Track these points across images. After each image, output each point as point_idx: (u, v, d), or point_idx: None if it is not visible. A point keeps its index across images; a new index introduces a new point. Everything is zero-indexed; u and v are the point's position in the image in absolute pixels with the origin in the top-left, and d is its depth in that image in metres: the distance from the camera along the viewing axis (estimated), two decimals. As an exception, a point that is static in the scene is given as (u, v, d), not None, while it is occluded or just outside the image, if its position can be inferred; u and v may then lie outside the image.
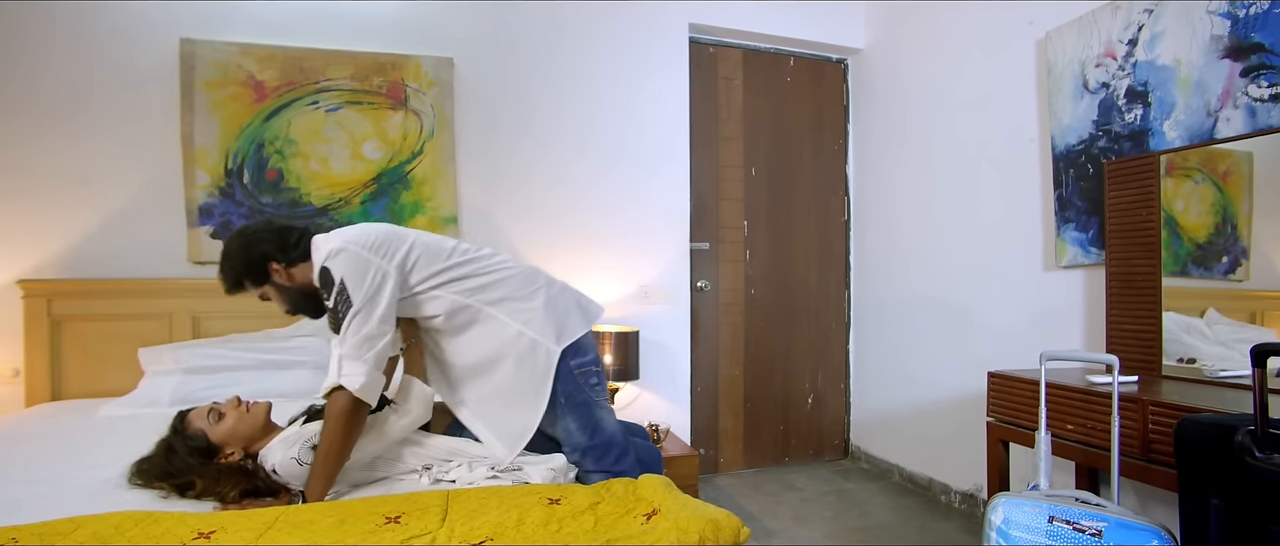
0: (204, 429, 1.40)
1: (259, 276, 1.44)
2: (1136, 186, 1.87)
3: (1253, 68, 1.65)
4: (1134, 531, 1.24)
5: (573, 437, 1.48)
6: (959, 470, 2.61)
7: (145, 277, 2.25)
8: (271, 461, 1.35)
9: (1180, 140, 1.82)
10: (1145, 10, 1.91)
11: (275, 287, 1.46)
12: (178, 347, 2.13)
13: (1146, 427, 1.47)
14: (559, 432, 1.50)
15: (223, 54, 2.32)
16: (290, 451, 1.33)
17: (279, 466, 1.33)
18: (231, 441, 1.41)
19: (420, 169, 2.54)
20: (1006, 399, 1.84)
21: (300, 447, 1.33)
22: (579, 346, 1.50)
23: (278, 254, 1.42)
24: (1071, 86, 2.13)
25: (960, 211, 2.63)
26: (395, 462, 1.43)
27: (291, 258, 1.43)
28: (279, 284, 1.45)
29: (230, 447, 1.41)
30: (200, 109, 2.30)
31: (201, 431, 1.40)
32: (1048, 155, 2.23)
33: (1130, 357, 1.83)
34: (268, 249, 1.42)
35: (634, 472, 1.46)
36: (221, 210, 2.33)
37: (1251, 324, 1.71)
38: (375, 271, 1.36)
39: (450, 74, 2.57)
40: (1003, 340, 2.40)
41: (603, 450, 1.49)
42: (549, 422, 1.49)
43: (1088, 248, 2.08)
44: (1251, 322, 1.71)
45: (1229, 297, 1.72)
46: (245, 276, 1.44)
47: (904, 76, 2.96)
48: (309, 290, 1.44)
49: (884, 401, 3.08)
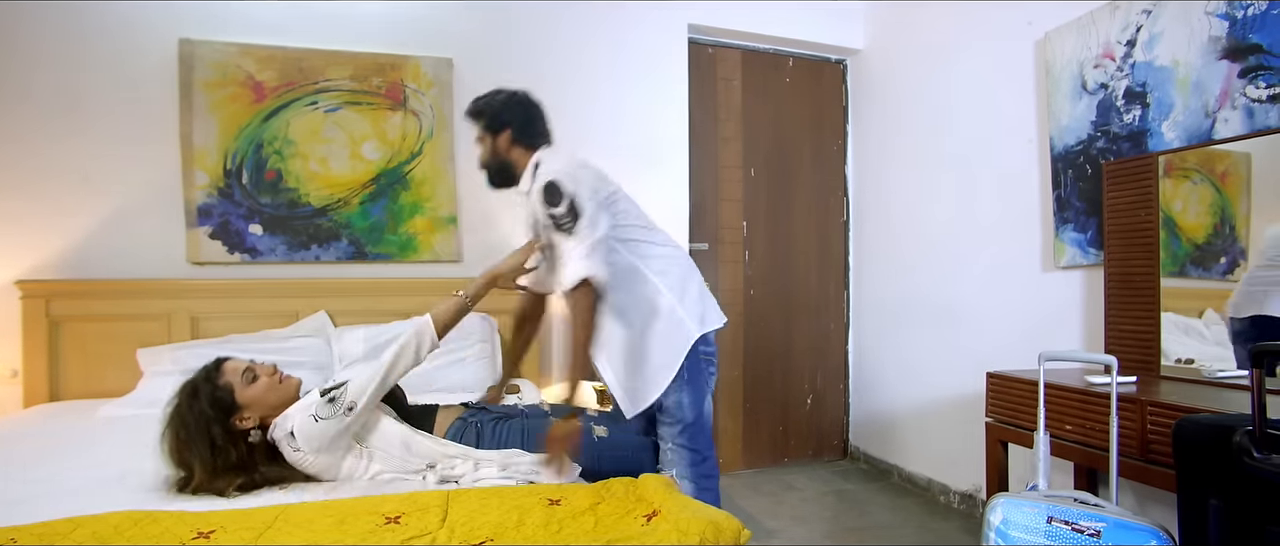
0: (233, 384, 1.40)
1: (497, 127, 1.65)
2: (1135, 187, 1.88)
3: (1251, 68, 1.66)
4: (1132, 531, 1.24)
5: (681, 411, 1.61)
6: (958, 470, 2.61)
7: (144, 278, 2.25)
8: (288, 425, 1.35)
9: (1178, 141, 1.82)
10: (1144, 11, 1.91)
11: (494, 144, 1.65)
12: (176, 348, 2.13)
13: (1145, 428, 1.48)
14: (670, 403, 1.61)
15: (222, 54, 2.31)
16: (309, 411, 1.33)
17: (297, 428, 1.33)
18: (254, 408, 1.40)
19: (419, 169, 2.54)
20: (1005, 399, 1.85)
21: (318, 406, 1.33)
22: (707, 337, 1.66)
23: (519, 128, 1.65)
24: (1070, 87, 2.13)
25: (959, 212, 2.64)
26: (402, 460, 1.43)
27: (520, 139, 1.64)
28: (499, 145, 1.65)
29: (249, 413, 1.40)
30: (199, 109, 2.30)
31: (230, 386, 1.40)
32: (1046, 156, 2.23)
33: (1129, 358, 1.83)
34: (517, 119, 1.65)
35: (714, 462, 1.65)
36: (220, 210, 2.33)
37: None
38: (603, 192, 1.58)
39: (449, 74, 2.57)
40: (1002, 340, 2.40)
41: (699, 430, 1.63)
42: (665, 393, 1.60)
43: (1086, 248, 2.09)
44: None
45: (1228, 298, 1.72)
46: (491, 118, 1.65)
47: (903, 77, 2.96)
48: (505, 164, 1.65)
49: (883, 402, 3.08)
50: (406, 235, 2.53)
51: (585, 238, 1.47)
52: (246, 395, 1.40)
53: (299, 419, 1.34)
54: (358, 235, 2.48)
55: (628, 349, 1.61)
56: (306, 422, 1.32)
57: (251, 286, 2.34)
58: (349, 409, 1.33)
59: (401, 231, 2.53)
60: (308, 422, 1.32)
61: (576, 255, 1.46)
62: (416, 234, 2.54)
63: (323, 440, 1.33)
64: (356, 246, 2.48)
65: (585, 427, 1.56)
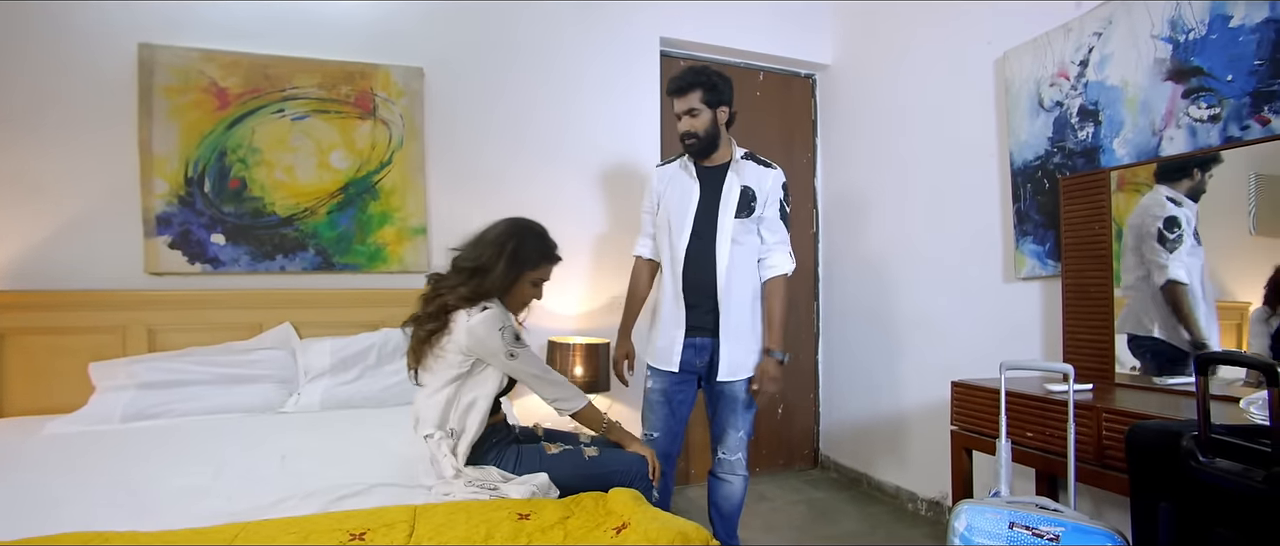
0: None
1: (716, 102, 1.87)
2: (1089, 201, 1.95)
3: (1192, 90, 1.74)
4: (1089, 535, 1.28)
5: (749, 429, 1.94)
6: (925, 478, 2.65)
7: (98, 289, 2.17)
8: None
9: (1129, 157, 1.90)
10: (1095, 34, 1.99)
11: (713, 116, 1.87)
12: (132, 362, 2.05)
13: (1101, 434, 1.53)
14: (746, 425, 1.93)
15: (184, 60, 2.26)
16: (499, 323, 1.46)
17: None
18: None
19: (389, 179, 2.51)
20: (969, 407, 1.89)
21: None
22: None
23: (731, 112, 1.91)
24: (1028, 104, 2.21)
25: (925, 224, 2.70)
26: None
27: (729, 122, 1.92)
28: (718, 118, 1.89)
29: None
30: (159, 115, 2.24)
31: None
32: (1007, 170, 2.31)
33: (1085, 366, 1.89)
34: (731, 103, 1.91)
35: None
36: (181, 219, 2.26)
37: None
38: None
39: (420, 84, 2.55)
40: (966, 350, 2.46)
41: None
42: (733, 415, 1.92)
43: (1045, 260, 2.16)
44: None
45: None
46: (714, 92, 1.86)
47: (870, 92, 3.03)
48: (716, 138, 1.90)
49: (852, 411, 3.13)
50: (375, 245, 2.49)
51: (787, 236, 1.89)
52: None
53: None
54: (325, 245, 2.43)
55: (754, 329, 1.90)
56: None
57: (213, 297, 2.28)
58: (516, 338, 1.49)
59: (370, 241, 2.49)
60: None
61: (785, 250, 1.90)
62: (385, 244, 2.51)
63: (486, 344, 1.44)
64: (323, 256, 2.43)
65: (575, 449, 1.58)
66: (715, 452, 1.96)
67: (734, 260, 1.86)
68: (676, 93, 1.86)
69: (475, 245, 1.53)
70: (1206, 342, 1.68)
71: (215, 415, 2.00)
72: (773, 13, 3.15)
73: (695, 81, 1.84)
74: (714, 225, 1.87)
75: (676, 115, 1.90)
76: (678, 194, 1.94)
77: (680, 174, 1.96)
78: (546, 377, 1.55)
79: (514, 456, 1.52)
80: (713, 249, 1.86)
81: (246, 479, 1.46)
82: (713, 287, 1.87)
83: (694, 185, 1.92)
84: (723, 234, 1.86)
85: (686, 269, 1.90)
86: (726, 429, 1.92)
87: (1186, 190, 1.76)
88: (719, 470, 1.95)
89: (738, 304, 1.87)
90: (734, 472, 1.93)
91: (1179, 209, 1.75)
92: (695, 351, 1.92)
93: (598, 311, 2.82)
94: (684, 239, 1.90)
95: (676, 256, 1.91)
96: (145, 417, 1.94)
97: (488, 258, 1.49)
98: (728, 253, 1.86)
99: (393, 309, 2.47)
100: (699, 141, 1.88)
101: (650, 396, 1.99)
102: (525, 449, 1.55)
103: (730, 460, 1.92)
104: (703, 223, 1.89)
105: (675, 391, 1.95)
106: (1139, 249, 1.82)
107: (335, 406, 2.14)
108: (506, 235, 1.53)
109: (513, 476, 1.45)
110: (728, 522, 1.98)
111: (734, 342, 1.87)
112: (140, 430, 1.85)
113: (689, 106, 1.85)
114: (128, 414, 1.92)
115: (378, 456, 1.64)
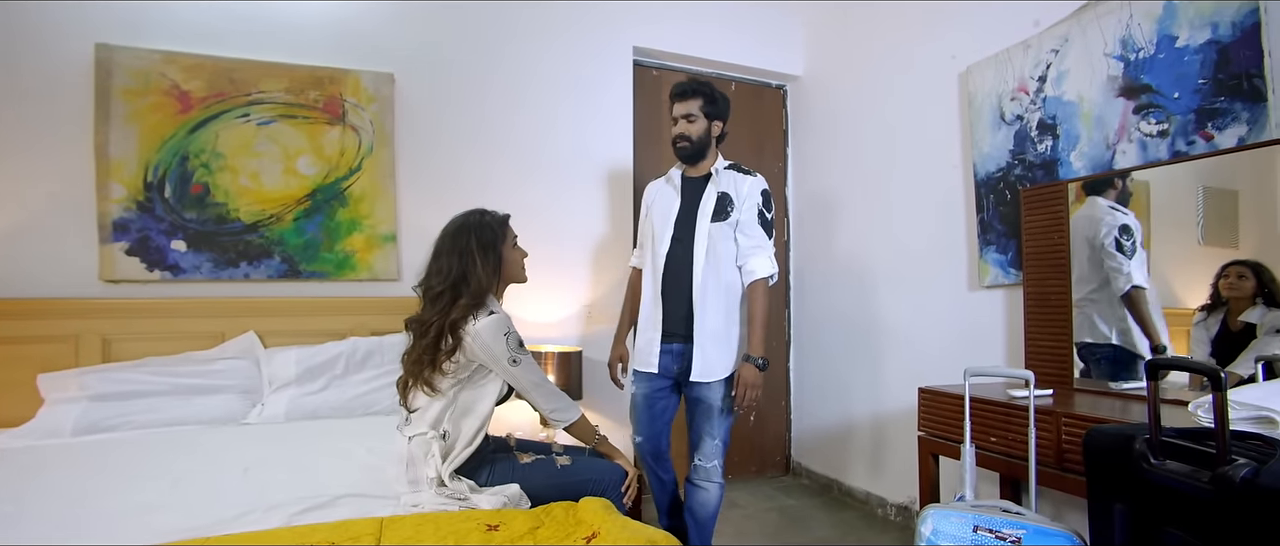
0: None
1: (714, 114, 1.98)
2: (1048, 212, 2.01)
3: (1143, 106, 1.82)
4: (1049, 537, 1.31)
5: (725, 437, 1.95)
6: (894, 483, 2.69)
7: (48, 297, 2.09)
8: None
9: (1085, 169, 1.97)
10: (1052, 50, 2.07)
11: (708, 126, 1.97)
12: (84, 372, 1.98)
13: (1060, 438, 1.57)
14: (721, 432, 1.93)
15: (144, 61, 2.20)
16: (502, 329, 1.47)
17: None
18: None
19: (358, 185, 2.47)
20: (935, 413, 1.93)
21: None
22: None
23: (723, 128, 2.01)
24: (990, 118, 2.27)
25: (893, 233, 2.76)
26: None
27: (720, 137, 2.02)
28: (712, 130, 1.98)
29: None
30: (117, 118, 2.17)
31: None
32: (970, 181, 2.37)
33: (1045, 372, 1.94)
34: (726, 120, 2.02)
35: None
36: (139, 225, 2.20)
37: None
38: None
39: (391, 90, 2.52)
40: (933, 357, 2.51)
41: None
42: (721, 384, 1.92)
43: (1007, 269, 2.22)
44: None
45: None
46: (714, 104, 1.97)
47: (840, 103, 3.09)
48: (705, 148, 1.99)
49: (823, 418, 3.16)
50: (343, 253, 2.45)
51: (770, 244, 1.93)
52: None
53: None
54: (291, 252, 2.38)
55: (728, 332, 1.93)
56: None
57: (173, 305, 2.21)
58: (520, 345, 1.50)
59: (338, 249, 2.44)
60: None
61: (764, 255, 1.91)
62: (354, 251, 2.46)
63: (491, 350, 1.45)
64: (290, 264, 2.38)
65: (547, 459, 1.57)
66: (692, 459, 1.97)
67: (710, 263, 1.91)
68: (679, 96, 1.98)
69: (438, 265, 1.50)
70: (1166, 346, 1.75)
71: (174, 427, 1.93)
72: (745, 24, 3.19)
73: (698, 90, 1.96)
74: (692, 230, 1.93)
75: (673, 118, 1.99)
76: (660, 204, 2.04)
77: (665, 187, 2.07)
78: (545, 387, 1.54)
79: (487, 467, 1.50)
80: (691, 253, 1.92)
81: (207, 492, 1.42)
82: (690, 291, 1.91)
83: (676, 195, 2.01)
84: (699, 237, 1.92)
85: (666, 273, 1.96)
86: (702, 436, 1.93)
87: (1114, 199, 1.86)
88: (695, 477, 1.96)
89: (712, 307, 1.90)
90: (709, 479, 1.94)
91: (1128, 216, 1.83)
92: (672, 357, 1.96)
93: (570, 319, 2.81)
94: (665, 244, 1.97)
95: (657, 261, 1.98)
96: (98, 430, 1.87)
97: (459, 265, 1.47)
98: (703, 254, 1.91)
99: (362, 317, 2.42)
100: (691, 146, 1.97)
101: (634, 399, 2.06)
102: (498, 458, 1.53)
103: (706, 467, 1.93)
104: (682, 228, 1.96)
105: (656, 395, 1.99)
106: (1094, 259, 1.89)
107: (301, 417, 2.09)
108: (459, 235, 1.52)
109: (483, 488, 1.43)
110: (703, 530, 1.99)
111: (707, 344, 1.89)
112: (92, 444, 1.78)
113: (687, 112, 1.96)
114: (79, 427, 1.85)
115: (344, 467, 1.60)
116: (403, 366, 1.50)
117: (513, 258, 1.60)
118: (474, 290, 1.45)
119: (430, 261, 1.53)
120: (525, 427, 2.35)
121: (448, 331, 1.42)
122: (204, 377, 2.07)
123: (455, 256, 1.48)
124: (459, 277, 1.46)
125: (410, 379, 1.47)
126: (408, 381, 1.48)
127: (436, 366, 1.43)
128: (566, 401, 1.58)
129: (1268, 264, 1.55)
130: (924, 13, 2.58)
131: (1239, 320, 1.58)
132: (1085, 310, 1.91)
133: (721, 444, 1.93)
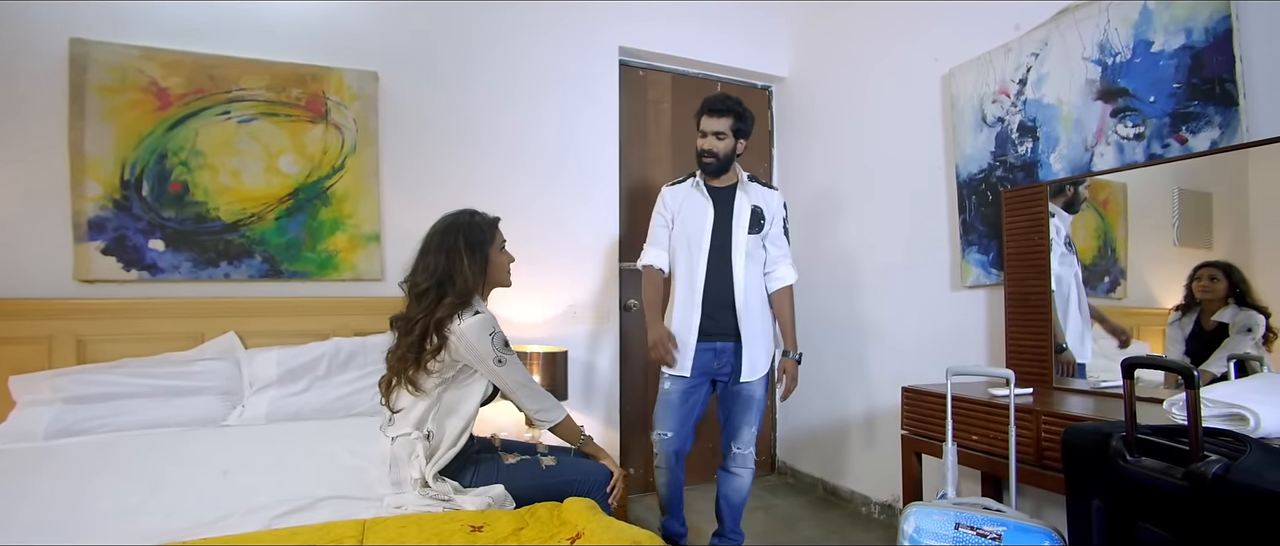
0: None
1: (742, 132, 2.09)
2: (1028, 213, 2.04)
3: (1120, 109, 1.85)
4: (1029, 533, 1.33)
5: (759, 424, 2.14)
6: (878, 482, 2.72)
7: (19, 297, 2.04)
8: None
9: (1064, 172, 2.00)
10: (1032, 54, 2.10)
11: (735, 143, 2.08)
12: (57, 374, 1.93)
13: (1040, 436, 1.59)
14: (758, 420, 2.12)
15: (120, 57, 2.16)
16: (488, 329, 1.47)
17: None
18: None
19: (341, 184, 2.44)
20: (918, 412, 1.95)
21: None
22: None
23: (750, 132, 2.12)
24: (972, 120, 2.30)
25: (877, 234, 2.78)
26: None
27: (742, 154, 2.13)
28: (738, 147, 2.10)
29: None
30: (92, 115, 2.13)
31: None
32: (953, 182, 2.40)
33: (1025, 371, 1.97)
34: (751, 129, 2.13)
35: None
36: (116, 224, 2.15)
37: (1136, 338, 1.89)
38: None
39: (375, 88, 2.50)
40: (916, 356, 2.54)
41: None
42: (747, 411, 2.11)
43: (989, 269, 2.25)
44: (1134, 337, 1.89)
45: (1111, 314, 1.89)
46: (744, 122, 2.08)
47: (825, 104, 3.11)
48: (730, 163, 2.10)
49: (808, 417, 3.18)
50: (325, 252, 2.42)
51: (789, 250, 2.17)
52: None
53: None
54: (272, 252, 2.35)
55: (765, 333, 2.12)
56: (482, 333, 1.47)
57: (150, 306, 2.17)
58: (505, 345, 1.49)
59: (320, 248, 2.42)
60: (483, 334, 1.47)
61: (789, 262, 2.17)
62: (337, 251, 2.44)
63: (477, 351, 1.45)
64: (271, 264, 2.35)
65: (532, 459, 1.57)
66: (728, 449, 2.15)
67: (748, 272, 2.08)
68: (712, 113, 2.05)
69: (424, 263, 1.50)
70: (1064, 346, 1.90)
71: (151, 430, 1.90)
72: (730, 25, 3.21)
73: (732, 109, 2.05)
74: (729, 241, 2.08)
75: (702, 133, 2.08)
76: (694, 213, 2.11)
77: (693, 193, 2.13)
78: (530, 388, 1.54)
79: (471, 468, 1.49)
80: (729, 262, 2.07)
81: (186, 495, 1.39)
82: (731, 297, 2.07)
83: (708, 204, 2.10)
84: (738, 248, 2.07)
85: (707, 282, 2.08)
86: (741, 425, 2.11)
87: (1062, 204, 1.96)
88: (732, 464, 2.14)
89: (753, 312, 2.09)
90: (745, 466, 2.13)
91: (1051, 219, 1.96)
92: (713, 355, 2.09)
93: (555, 320, 2.80)
94: (703, 253, 2.08)
95: (696, 270, 2.08)
96: (72, 434, 1.83)
97: (446, 263, 1.47)
98: (744, 266, 2.07)
99: (344, 317, 2.40)
100: (717, 162, 2.07)
101: (667, 397, 2.12)
102: (482, 459, 1.53)
103: (743, 453, 2.12)
104: (720, 236, 2.08)
105: (691, 392, 2.11)
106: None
107: (282, 418, 2.07)
108: (448, 234, 1.52)
109: (467, 489, 1.43)
110: (736, 513, 2.18)
111: (753, 347, 2.08)
112: (67, 447, 1.74)
113: (718, 129, 2.05)
114: (52, 430, 1.81)
115: (326, 469, 1.59)
116: (387, 364, 1.49)
117: (499, 261, 1.59)
118: (459, 289, 1.44)
119: (417, 258, 1.52)
120: (510, 428, 2.34)
121: (433, 330, 1.41)
122: (183, 379, 2.04)
123: (442, 254, 1.47)
124: (444, 276, 1.45)
125: (394, 377, 1.46)
126: (391, 380, 1.47)
127: (421, 365, 1.42)
128: (551, 402, 1.58)
129: (1239, 264, 1.58)
130: (907, 15, 2.60)
131: (1212, 320, 1.61)
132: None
133: (757, 430, 2.14)
